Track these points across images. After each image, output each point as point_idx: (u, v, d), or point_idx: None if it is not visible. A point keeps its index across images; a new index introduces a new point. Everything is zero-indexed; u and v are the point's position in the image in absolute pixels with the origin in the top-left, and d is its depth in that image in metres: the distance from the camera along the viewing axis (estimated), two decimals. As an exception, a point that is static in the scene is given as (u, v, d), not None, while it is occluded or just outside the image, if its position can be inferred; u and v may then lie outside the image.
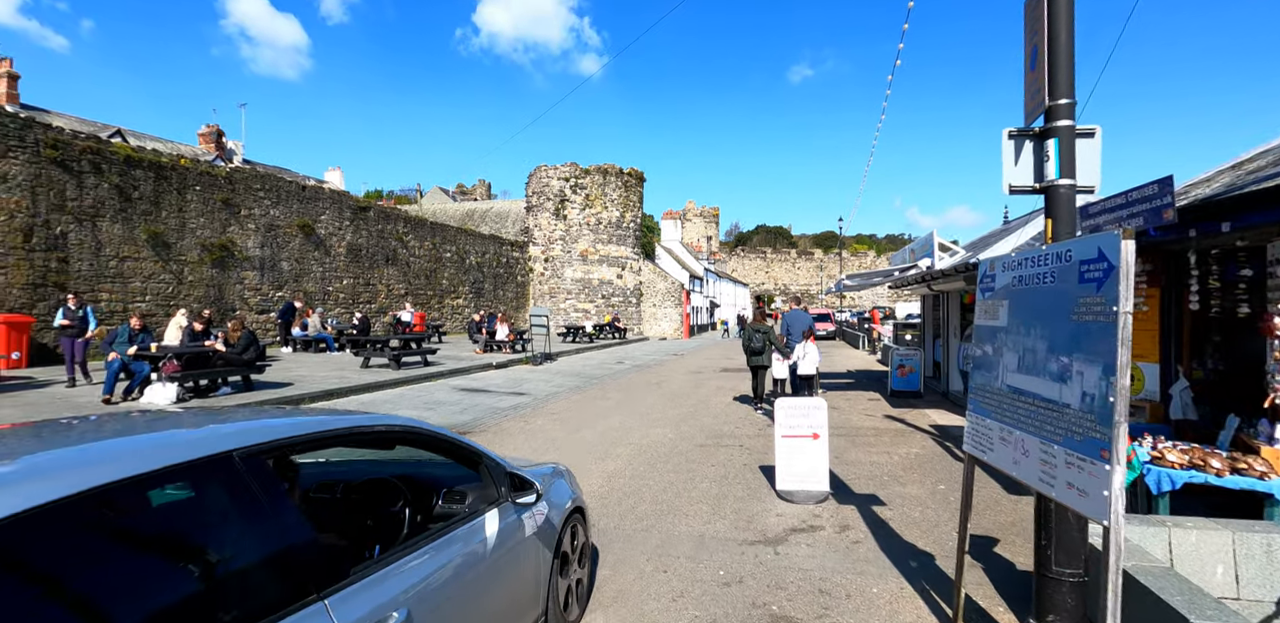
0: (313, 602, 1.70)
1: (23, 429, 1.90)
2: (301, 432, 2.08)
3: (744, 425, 9.41)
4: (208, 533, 1.70)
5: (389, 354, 14.35)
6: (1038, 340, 2.74)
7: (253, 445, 1.83)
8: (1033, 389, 2.76)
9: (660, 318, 41.41)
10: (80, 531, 1.41)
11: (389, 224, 25.27)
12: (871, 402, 11.73)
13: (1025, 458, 2.78)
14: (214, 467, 1.70)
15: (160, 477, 1.58)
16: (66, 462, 1.55)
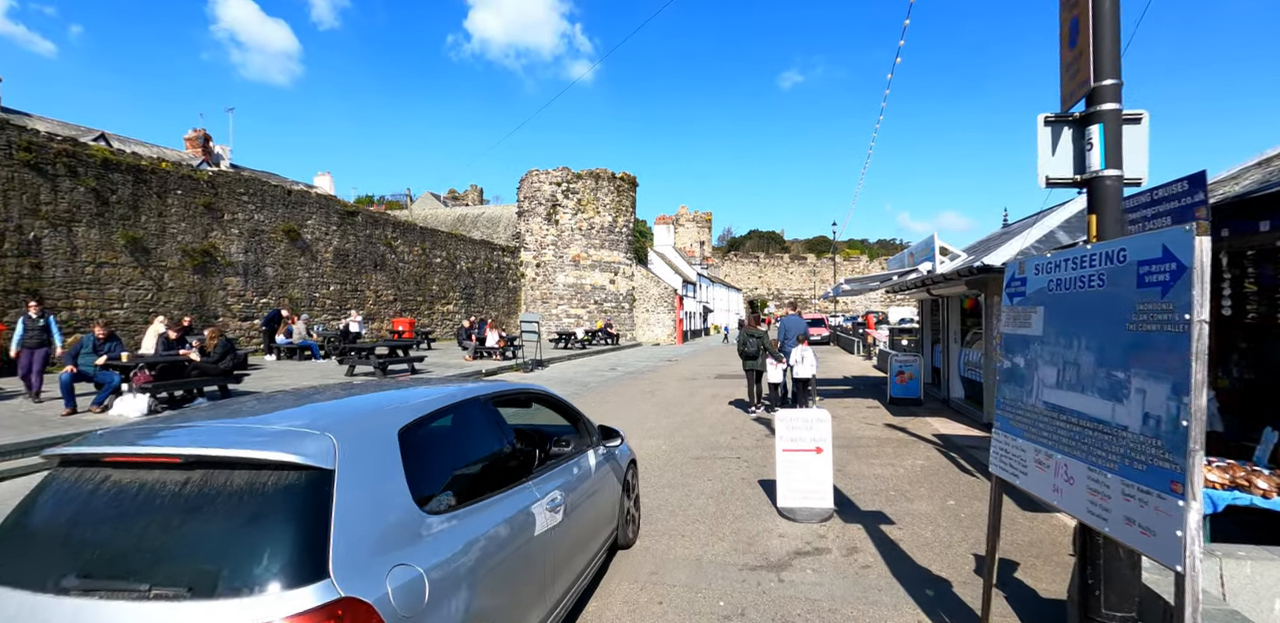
0: (525, 480, 3.04)
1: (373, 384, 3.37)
2: (503, 389, 3.48)
3: (741, 436, 9.07)
4: (483, 432, 3.03)
5: (374, 362, 13.94)
6: (1082, 352, 2.42)
7: (486, 394, 3.23)
8: (1077, 408, 2.44)
9: (653, 323, 41.08)
10: (445, 420, 2.79)
11: (377, 229, 24.86)
12: (871, 410, 11.41)
13: (1069, 486, 2.45)
14: (478, 402, 3.08)
15: (456, 406, 2.88)
16: (418, 397, 2.78)
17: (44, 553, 1.95)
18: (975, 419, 9.98)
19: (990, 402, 9.26)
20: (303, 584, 1.78)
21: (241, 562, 1.82)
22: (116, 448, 2.09)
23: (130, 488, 2.00)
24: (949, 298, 11.70)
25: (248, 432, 2.21)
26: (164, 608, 1.71)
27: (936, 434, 9.00)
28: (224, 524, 1.90)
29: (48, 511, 2.05)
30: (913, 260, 11.25)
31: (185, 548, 1.88)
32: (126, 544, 1.89)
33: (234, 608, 1.71)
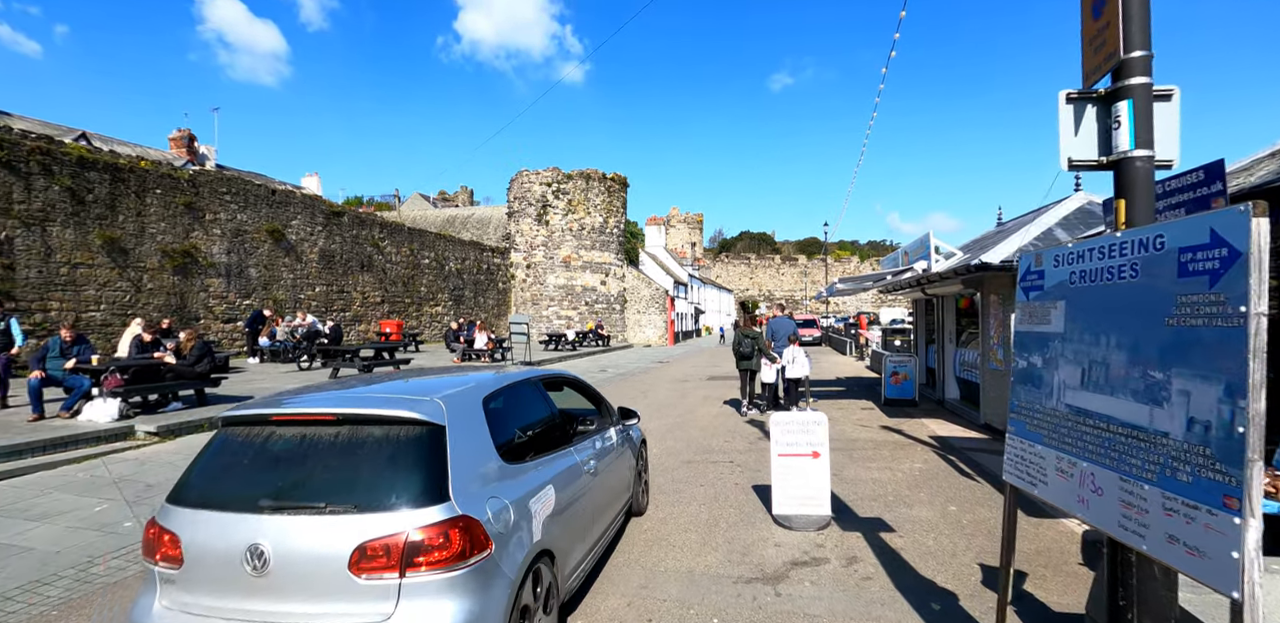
0: (566, 446, 3.84)
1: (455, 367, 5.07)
2: (545, 374, 4.38)
3: (734, 439, 8.83)
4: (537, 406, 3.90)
5: (359, 364, 13.61)
6: (1113, 351, 2.19)
7: (535, 377, 4.10)
8: (1106, 411, 2.21)
9: (644, 325, 40.84)
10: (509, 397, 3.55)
11: (364, 230, 24.51)
12: (865, 411, 11.21)
13: (1097, 497, 2.23)
14: (530, 383, 3.94)
15: (515, 384, 3.70)
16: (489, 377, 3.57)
17: (235, 486, 2.71)
18: (972, 421, 9.80)
19: (988, 403, 9.09)
20: (433, 504, 2.53)
21: (389, 488, 2.57)
22: (281, 410, 2.87)
23: (295, 438, 2.77)
24: (944, 297, 11.53)
25: (380, 398, 2.97)
26: (338, 519, 2.47)
27: (933, 436, 8.80)
28: (372, 462, 2.65)
29: (227, 457, 2.82)
30: (907, 259, 11.07)
31: (346, 479, 2.62)
32: (301, 477, 2.66)
33: (387, 519, 2.46)
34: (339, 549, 2.43)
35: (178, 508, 2.67)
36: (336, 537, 2.44)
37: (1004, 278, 8.44)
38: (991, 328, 8.88)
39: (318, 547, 2.44)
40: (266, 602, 2.45)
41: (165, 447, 8.03)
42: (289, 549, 2.45)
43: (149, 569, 2.65)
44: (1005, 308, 8.45)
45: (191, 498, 2.69)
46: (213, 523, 2.56)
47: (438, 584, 2.44)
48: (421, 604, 2.41)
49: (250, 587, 2.46)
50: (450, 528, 2.49)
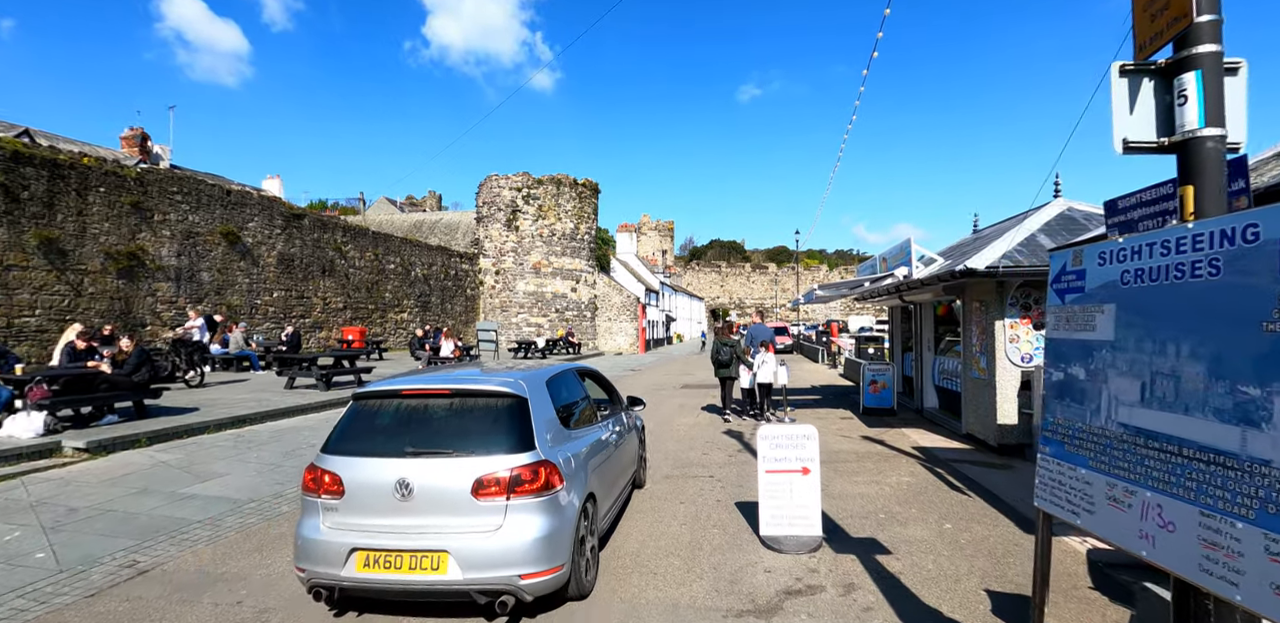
0: (596, 422, 4.95)
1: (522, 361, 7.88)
2: (579, 366, 5.46)
3: (712, 450, 8.47)
4: (577, 390, 5.00)
5: (316, 374, 12.93)
6: (1185, 362, 1.88)
7: (574, 368, 5.31)
8: (1177, 433, 1.89)
9: (615, 332, 40.43)
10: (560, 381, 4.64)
11: (326, 233, 23.67)
12: (844, 420, 10.97)
13: (1167, 533, 1.90)
14: (573, 371, 5.20)
15: (562, 372, 4.86)
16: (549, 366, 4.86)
17: (381, 439, 3.77)
18: (953, 430, 9.61)
19: (970, 412, 8.89)
20: (525, 451, 3.60)
21: (495, 440, 3.67)
22: (408, 386, 3.98)
23: (420, 406, 3.89)
24: (922, 305, 11.38)
25: (478, 378, 4.11)
26: (462, 461, 3.53)
27: (916, 447, 8.56)
28: (481, 422, 3.80)
29: (364, 421, 3.90)
30: (886, 266, 10.89)
31: (463, 433, 3.73)
32: (429, 432, 3.79)
33: (496, 460, 3.53)
34: (464, 481, 3.43)
35: (334, 457, 3.68)
36: (462, 473, 3.45)
37: (987, 284, 8.28)
38: (974, 336, 8.71)
39: (448, 480, 3.45)
40: (409, 518, 3.43)
41: (95, 465, 7.34)
42: (427, 482, 3.44)
43: (310, 501, 3.63)
44: (988, 315, 8.27)
45: (345, 449, 3.71)
46: (368, 465, 3.56)
47: (530, 506, 3.46)
48: (520, 518, 3.42)
49: (397, 509, 3.44)
50: (538, 467, 3.54)
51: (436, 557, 3.34)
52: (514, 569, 3.34)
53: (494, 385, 3.89)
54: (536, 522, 3.45)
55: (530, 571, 3.36)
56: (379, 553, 3.38)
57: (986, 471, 7.20)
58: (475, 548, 3.35)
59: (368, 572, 3.36)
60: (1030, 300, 7.97)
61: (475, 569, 3.32)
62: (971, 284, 8.74)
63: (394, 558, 3.36)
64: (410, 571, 3.33)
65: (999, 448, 8.02)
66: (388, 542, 3.39)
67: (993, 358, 8.10)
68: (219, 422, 9.49)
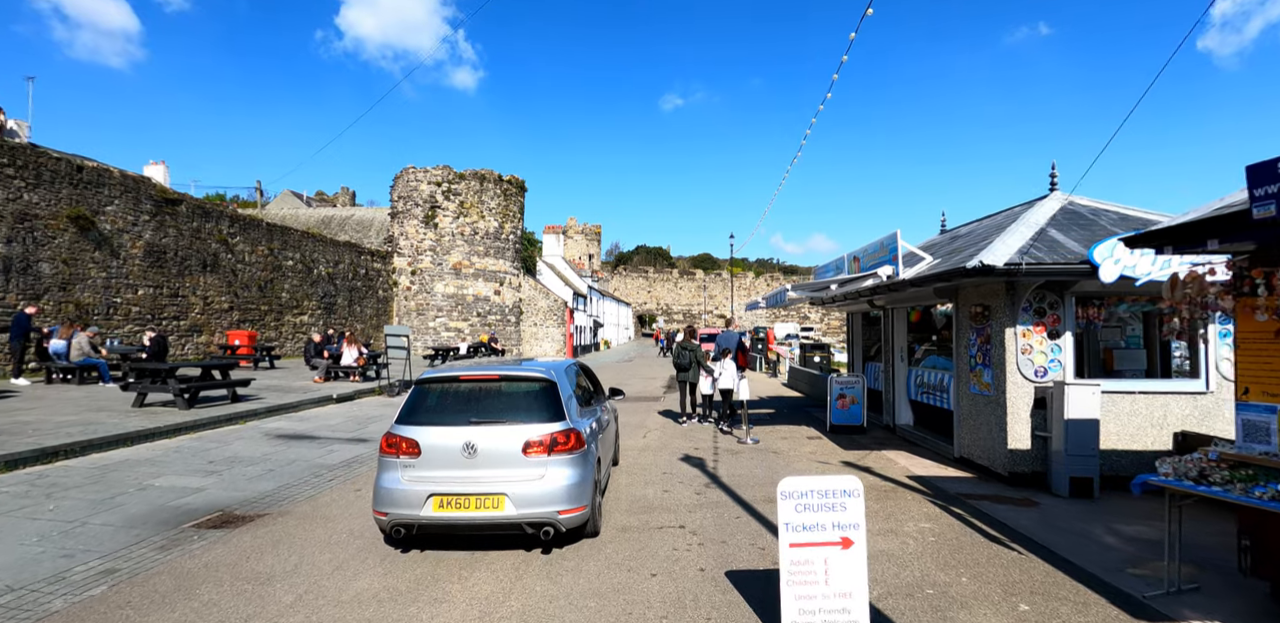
0: (593, 405, 6.24)
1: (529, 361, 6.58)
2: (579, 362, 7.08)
3: (674, 486, 6.86)
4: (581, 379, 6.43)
5: (174, 388, 10.44)
6: None
7: (577, 362, 6.83)
8: None
9: (541, 338, 38.34)
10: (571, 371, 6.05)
11: (209, 222, 20.58)
12: (813, 441, 9.64)
13: None
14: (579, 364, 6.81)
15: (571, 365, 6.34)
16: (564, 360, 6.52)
17: (448, 412, 4.97)
18: (939, 453, 8.42)
19: (968, 434, 7.70)
20: (559, 421, 4.86)
21: (537, 412, 4.92)
22: (465, 373, 5.19)
23: (476, 388, 5.13)
24: (894, 310, 10.23)
25: (519, 368, 5.36)
26: (514, 427, 4.76)
27: (912, 476, 7.26)
28: (524, 399, 5.04)
29: (431, 399, 5.13)
30: (859, 265, 9.66)
31: (512, 407, 4.97)
32: (485, 406, 4.96)
33: (539, 427, 4.77)
34: (516, 443, 4.66)
35: (409, 426, 4.82)
36: (514, 437, 4.69)
37: (992, 286, 7.11)
38: (972, 345, 7.52)
39: (504, 442, 4.67)
40: (474, 471, 4.61)
41: None
42: (488, 443, 4.66)
43: (389, 461, 4.72)
44: (994, 321, 7.09)
45: (418, 420, 4.87)
46: (440, 432, 4.74)
47: (564, 461, 4.70)
48: (558, 470, 4.66)
49: (464, 464, 4.62)
50: (570, 432, 4.81)
51: (496, 498, 4.53)
52: (554, 506, 4.55)
53: (533, 372, 5.16)
54: (569, 472, 4.67)
55: (565, 507, 4.58)
56: (451, 497, 4.53)
57: (1012, 510, 5.94)
58: (525, 491, 4.54)
59: (443, 511, 4.52)
60: (1045, 304, 6.83)
61: (526, 506, 4.52)
62: (968, 286, 7.57)
63: (463, 500, 4.53)
64: (476, 509, 4.51)
65: (1009, 477, 6.83)
66: (458, 488, 4.55)
67: (1001, 372, 6.91)
68: (13, 457, 7.06)
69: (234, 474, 7.27)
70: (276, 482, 7.01)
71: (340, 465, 7.85)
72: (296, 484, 6.95)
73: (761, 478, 7.17)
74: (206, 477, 7.12)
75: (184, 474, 7.20)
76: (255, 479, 7.06)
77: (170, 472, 7.28)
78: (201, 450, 8.44)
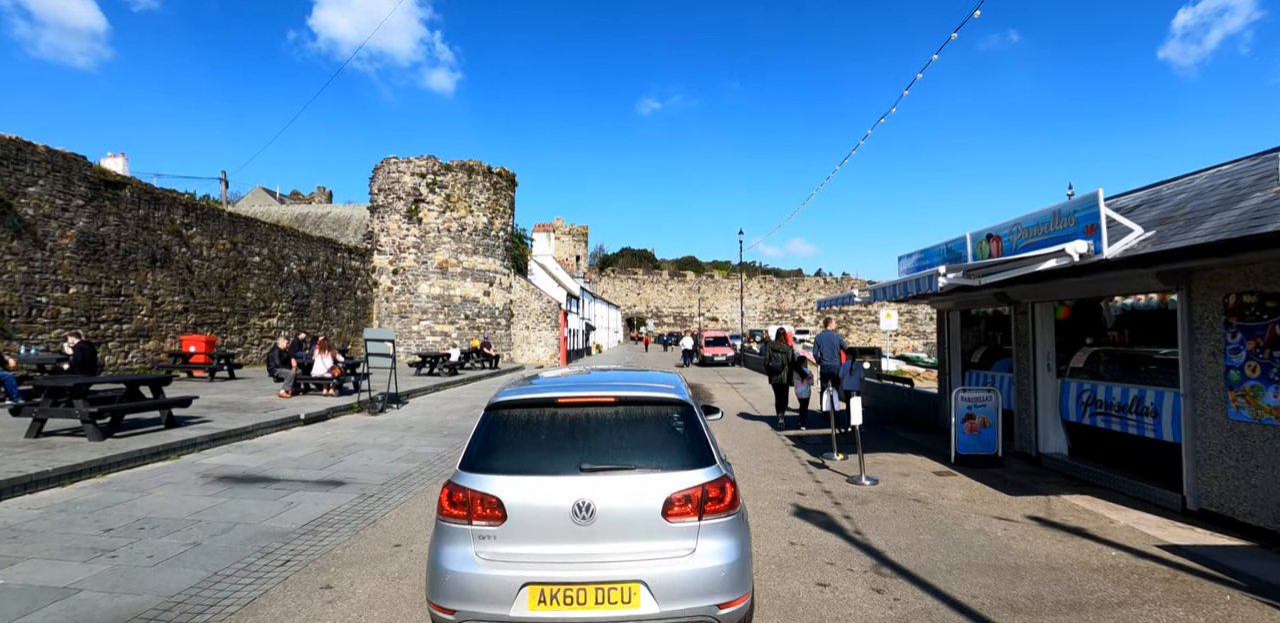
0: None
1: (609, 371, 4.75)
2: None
3: (828, 571, 4.43)
4: None
5: (82, 411, 7.77)
6: None
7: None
8: None
9: (534, 342, 35.68)
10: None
11: (158, 211, 17.77)
12: (945, 477, 7.26)
13: None
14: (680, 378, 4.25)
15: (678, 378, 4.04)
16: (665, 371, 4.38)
17: (545, 454, 3.22)
18: (1150, 499, 6.07)
19: (1217, 476, 5.34)
20: (707, 466, 3.18)
21: (677, 453, 3.23)
22: (565, 393, 3.43)
23: (580, 416, 3.34)
24: (1036, 305, 7.90)
25: (639, 384, 3.66)
26: (648, 477, 3.09)
27: (1166, 546, 4.89)
28: (655, 433, 3.33)
29: (513, 434, 3.33)
30: (996, 246, 7.36)
31: (640, 446, 3.27)
32: (600, 445, 3.25)
33: (684, 476, 3.10)
34: (654, 500, 3.02)
35: (486, 476, 3.12)
36: (650, 491, 3.04)
37: (1248, 271, 4.79)
38: (1238, 350, 5.18)
39: (636, 499, 3.03)
40: (590, 545, 2.97)
41: None
42: (611, 502, 3.00)
43: (454, 529, 3.07)
44: None
45: (499, 466, 3.16)
46: (537, 485, 3.07)
47: (720, 526, 3.06)
48: (712, 541, 3.02)
49: (575, 534, 2.97)
50: (724, 483, 3.14)
51: (627, 588, 2.93)
52: (712, 598, 2.96)
53: (661, 391, 3.50)
54: (728, 544, 3.06)
55: (727, 599, 2.99)
56: (558, 587, 2.92)
57: None
58: (671, 576, 2.94)
59: (545, 610, 2.90)
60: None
61: (672, 600, 2.91)
62: (1219, 268, 5.26)
63: (576, 592, 2.92)
64: (597, 606, 2.91)
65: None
66: (567, 574, 2.94)
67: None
68: None
69: (135, 554, 4.69)
70: (199, 569, 4.45)
71: (302, 532, 5.30)
72: (231, 574, 4.40)
73: (949, 553, 4.76)
74: (90, 562, 4.53)
75: (57, 557, 4.61)
76: (165, 566, 4.49)
77: (36, 552, 4.69)
78: (101, 508, 5.83)
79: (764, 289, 78.76)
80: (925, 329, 75.12)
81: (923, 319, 75.07)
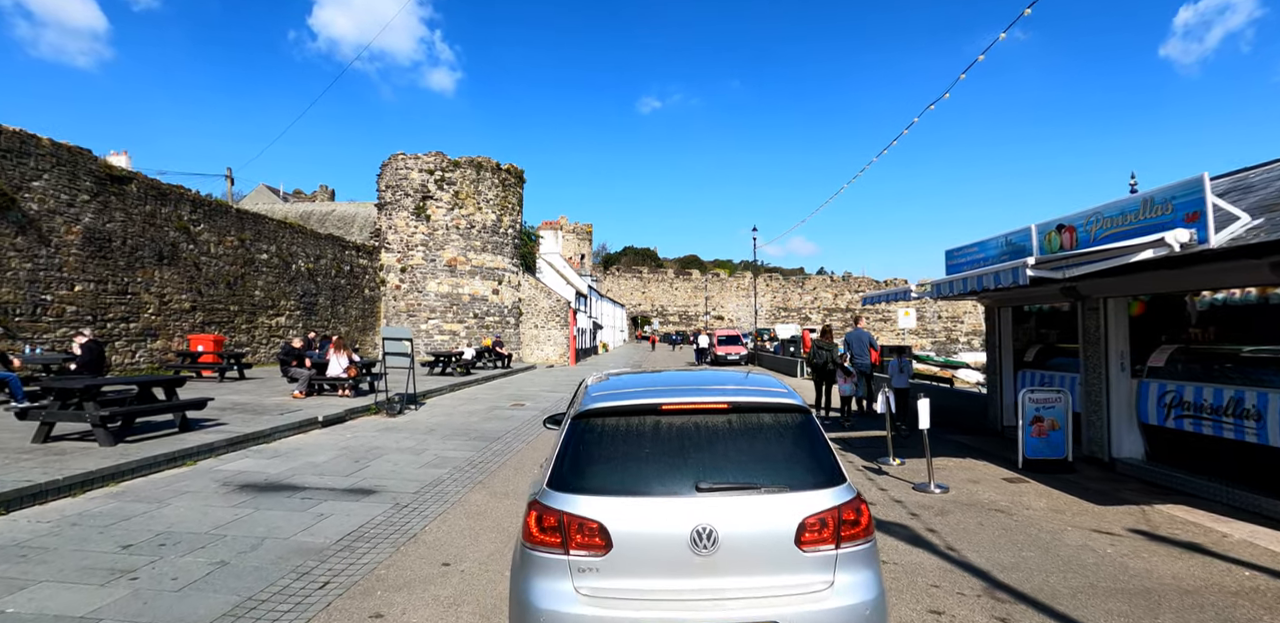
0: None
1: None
2: None
3: (937, 596, 3.96)
4: None
5: (92, 415, 7.31)
6: None
7: None
8: None
9: (543, 341, 35.20)
10: None
11: (166, 206, 17.31)
12: (1018, 484, 6.78)
13: None
14: None
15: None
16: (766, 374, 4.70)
17: (646, 471, 2.71)
18: (1259, 511, 5.58)
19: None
20: (839, 484, 2.71)
21: (805, 469, 2.76)
22: (671, 398, 2.94)
23: (689, 425, 2.83)
24: (1108, 300, 7.42)
25: (743, 388, 3.21)
26: (777, 497, 2.63)
27: (1299, 566, 4.42)
28: (777, 446, 2.83)
29: (611, 445, 2.82)
30: (1069, 237, 6.88)
31: (762, 461, 2.77)
32: (717, 461, 2.74)
33: (818, 496, 2.64)
34: (785, 526, 2.57)
35: (582, 496, 2.64)
36: (781, 514, 2.58)
37: None
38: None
39: (765, 524, 2.58)
40: (711, 579, 2.53)
41: None
42: (736, 528, 2.54)
43: (548, 559, 2.59)
44: None
45: (597, 485, 2.68)
46: (648, 508, 2.61)
47: (858, 556, 2.62)
48: (851, 574, 2.59)
49: (693, 567, 2.52)
50: (860, 504, 2.69)
51: None
52: None
53: (780, 397, 3.01)
54: (867, 576, 2.63)
55: None
56: None
57: None
58: (808, 616, 2.49)
59: None
60: None
61: None
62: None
63: None
64: None
65: None
66: (687, 614, 2.49)
67: None
68: None
69: (158, 576, 4.22)
70: (229, 593, 3.98)
71: (338, 549, 4.83)
72: (267, 599, 3.93)
73: (1064, 574, 4.28)
74: (109, 585, 4.07)
75: (71, 579, 4.14)
76: (192, 590, 4.02)
77: (49, 573, 4.22)
78: (117, 521, 5.36)
79: (770, 288, 78.27)
80: (932, 328, 74.61)
81: (930, 318, 74.56)
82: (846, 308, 76.67)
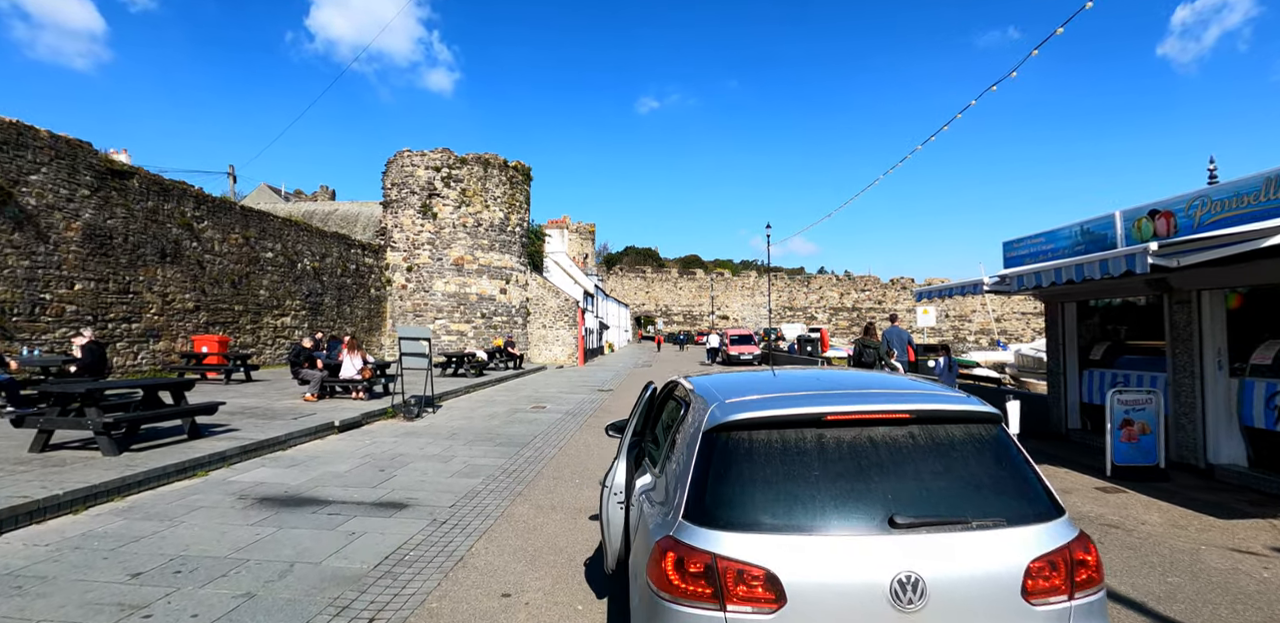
0: None
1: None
2: None
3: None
4: None
5: (95, 422, 6.69)
6: None
7: None
8: None
9: (551, 341, 34.58)
10: None
11: (168, 202, 16.69)
12: (1117, 495, 6.16)
13: None
14: None
15: None
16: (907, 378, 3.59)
17: (818, 500, 2.10)
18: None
19: None
20: (1056, 515, 2.14)
21: (1018, 497, 2.17)
22: (836, 407, 2.29)
23: (861, 441, 2.22)
24: (1201, 293, 6.81)
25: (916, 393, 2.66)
26: (993, 535, 2.03)
27: None
28: (976, 468, 2.21)
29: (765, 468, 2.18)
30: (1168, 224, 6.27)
31: (964, 487, 2.17)
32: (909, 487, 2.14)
33: (1041, 532, 2.06)
34: (1008, 571, 2.00)
35: (740, 534, 2.04)
36: (1001, 556, 2.01)
37: None
38: None
39: (982, 570, 1.99)
40: None
41: None
42: (946, 574, 1.97)
43: (695, 615, 1.99)
44: None
45: (757, 520, 2.08)
46: (830, 550, 2.01)
47: (1093, 607, 2.05)
48: None
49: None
50: (1087, 541, 2.13)
51: None
52: None
53: (965, 403, 2.37)
54: None
55: None
56: None
57: None
58: None
59: None
60: None
61: None
62: None
63: None
64: None
65: None
66: None
67: None
68: None
69: (175, 612, 3.61)
70: (263, 637, 3.36)
71: (378, 575, 4.21)
72: (304, 642, 3.31)
73: (1231, 606, 3.68)
74: (121, 619, 3.45)
75: (74, 618, 3.53)
76: None
77: (48, 610, 3.61)
78: (124, 543, 4.74)
79: (775, 287, 77.67)
80: (940, 327, 74.02)
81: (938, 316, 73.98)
82: (853, 307, 76.10)
